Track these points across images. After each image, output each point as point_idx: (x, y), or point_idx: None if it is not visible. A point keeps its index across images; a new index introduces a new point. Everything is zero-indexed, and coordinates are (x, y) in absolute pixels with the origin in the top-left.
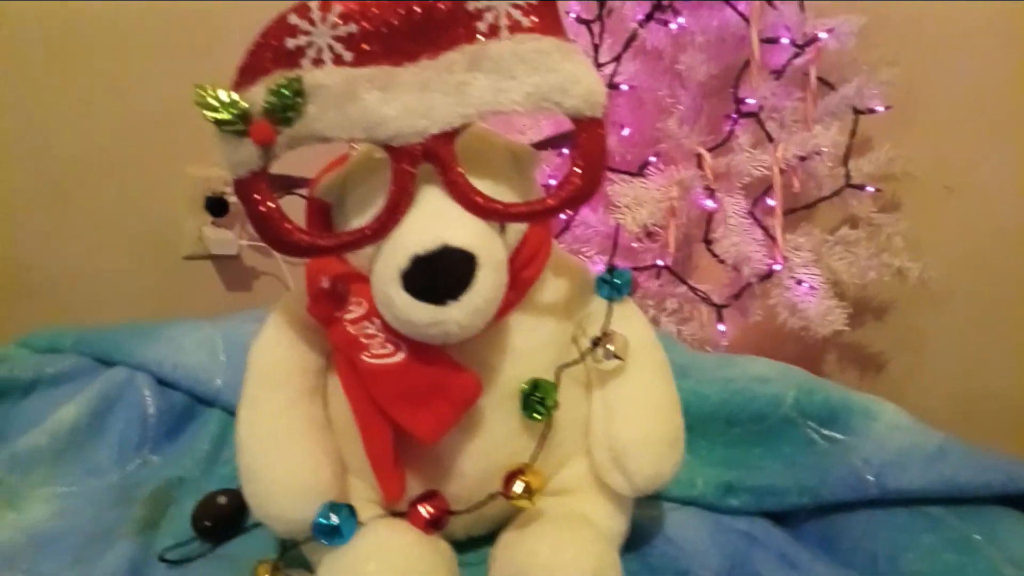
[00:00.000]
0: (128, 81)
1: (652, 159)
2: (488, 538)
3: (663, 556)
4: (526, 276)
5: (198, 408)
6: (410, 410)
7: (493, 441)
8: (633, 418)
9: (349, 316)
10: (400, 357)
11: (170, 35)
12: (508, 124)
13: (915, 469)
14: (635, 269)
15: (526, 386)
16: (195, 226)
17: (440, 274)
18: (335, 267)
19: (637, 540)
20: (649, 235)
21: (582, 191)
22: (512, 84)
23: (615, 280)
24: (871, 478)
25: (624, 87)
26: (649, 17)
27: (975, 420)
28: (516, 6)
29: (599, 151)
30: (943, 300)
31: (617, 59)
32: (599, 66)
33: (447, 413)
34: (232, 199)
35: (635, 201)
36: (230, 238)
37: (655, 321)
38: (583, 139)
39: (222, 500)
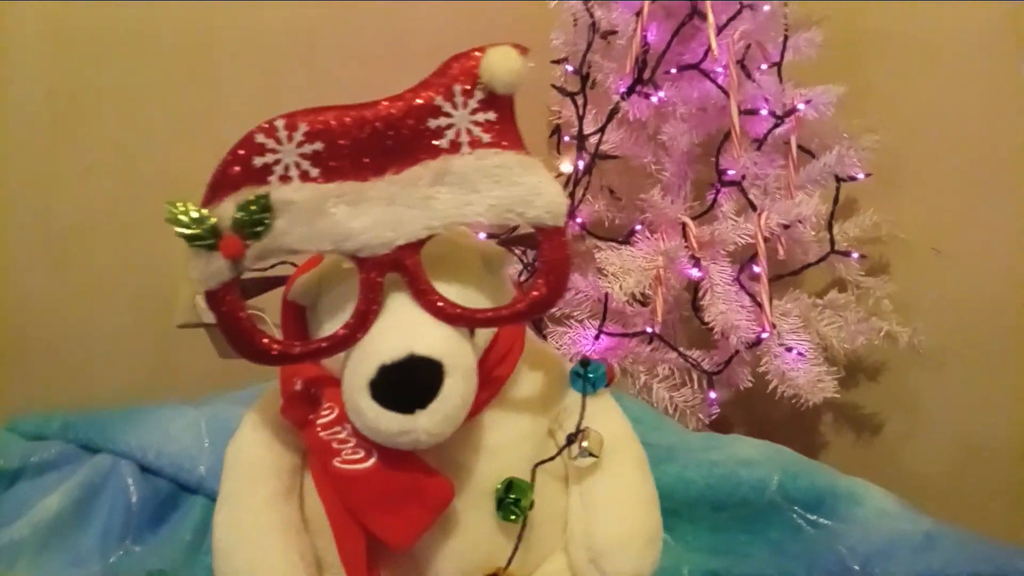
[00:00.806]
0: (130, 147)
1: (638, 227)
2: None
3: None
4: (498, 375)
5: (181, 496)
6: (382, 516)
7: (469, 541)
8: (610, 517)
9: (321, 420)
10: (371, 463)
11: (173, 102)
12: None
13: (902, 559)
14: (625, 335)
15: (500, 487)
16: (189, 295)
17: (407, 383)
18: (309, 371)
19: None
20: (642, 300)
21: (547, 298)
22: (476, 197)
23: (589, 374)
24: (856, 567)
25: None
26: (631, 90)
27: (971, 480)
28: (476, 123)
29: (563, 258)
30: (935, 361)
31: (601, 130)
32: (584, 136)
33: (420, 518)
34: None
35: (622, 269)
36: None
37: (647, 387)
38: (546, 248)
39: None
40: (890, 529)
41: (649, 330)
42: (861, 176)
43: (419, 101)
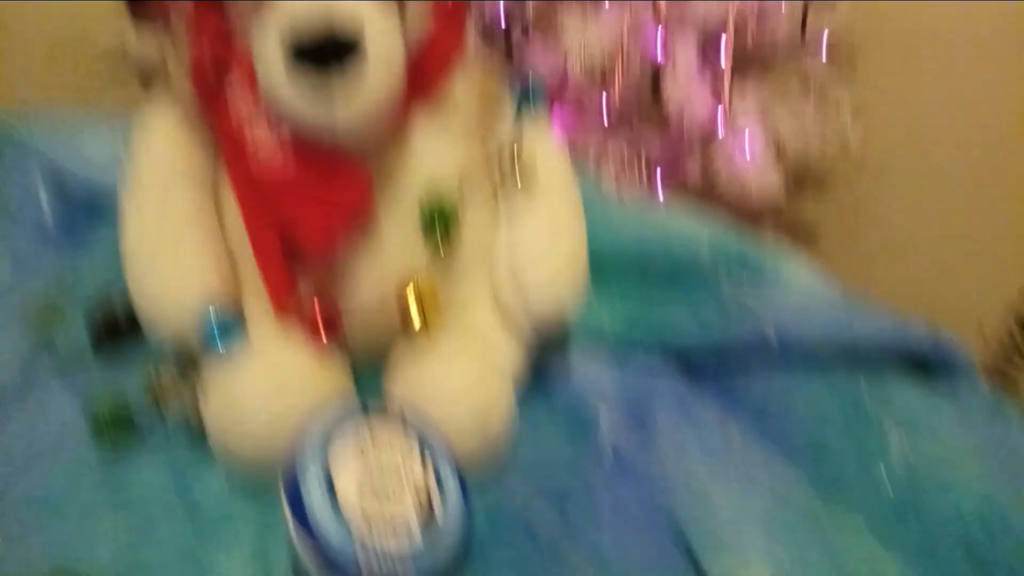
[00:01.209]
0: None
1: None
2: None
3: (561, 394)
4: (431, 78)
5: (100, 209)
6: (299, 217)
7: (390, 253)
8: (536, 237)
9: (233, 111)
10: (288, 159)
11: None
12: None
13: (815, 326)
14: (579, 118)
15: (426, 201)
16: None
17: (326, 47)
18: (218, 52)
19: (537, 379)
20: (601, 79)
21: None
22: None
23: (530, 87)
24: (772, 333)
25: None
26: None
27: (905, 290)
28: None
29: None
30: (881, 172)
31: None
32: None
33: (337, 221)
34: None
35: (584, 36)
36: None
37: (595, 169)
38: None
39: (119, 302)
40: (808, 297)
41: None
42: None
43: None
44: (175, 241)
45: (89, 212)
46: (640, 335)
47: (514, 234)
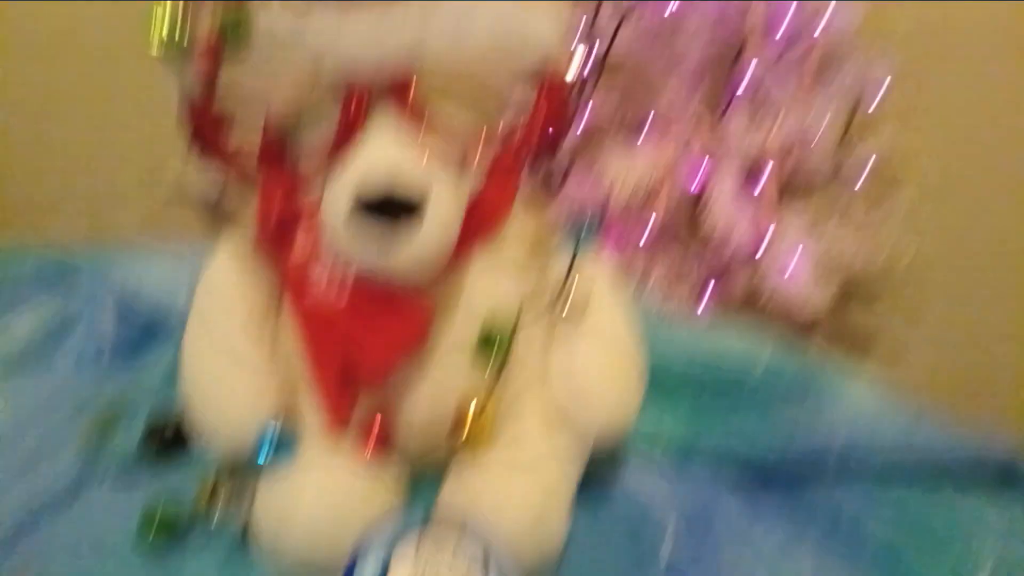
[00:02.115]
0: None
1: (645, 133)
2: (438, 480)
3: (618, 507)
4: (486, 225)
5: (162, 330)
6: (356, 348)
7: (445, 382)
8: (592, 360)
9: (298, 252)
10: (347, 300)
11: None
12: None
13: (884, 439)
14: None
15: (482, 329)
16: (176, 170)
17: (390, 207)
18: (286, 201)
19: (591, 490)
20: (642, 205)
21: (540, 144)
22: (473, 25)
23: (582, 225)
24: (836, 452)
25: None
26: None
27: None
28: None
29: (560, 107)
30: (931, 282)
31: (615, 32)
32: (595, 38)
33: (394, 351)
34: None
35: (627, 168)
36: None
37: (641, 290)
38: (544, 98)
39: (173, 422)
40: (874, 411)
41: (647, 234)
42: (880, 92)
43: None
44: (233, 364)
45: (150, 334)
46: (699, 445)
47: (570, 354)
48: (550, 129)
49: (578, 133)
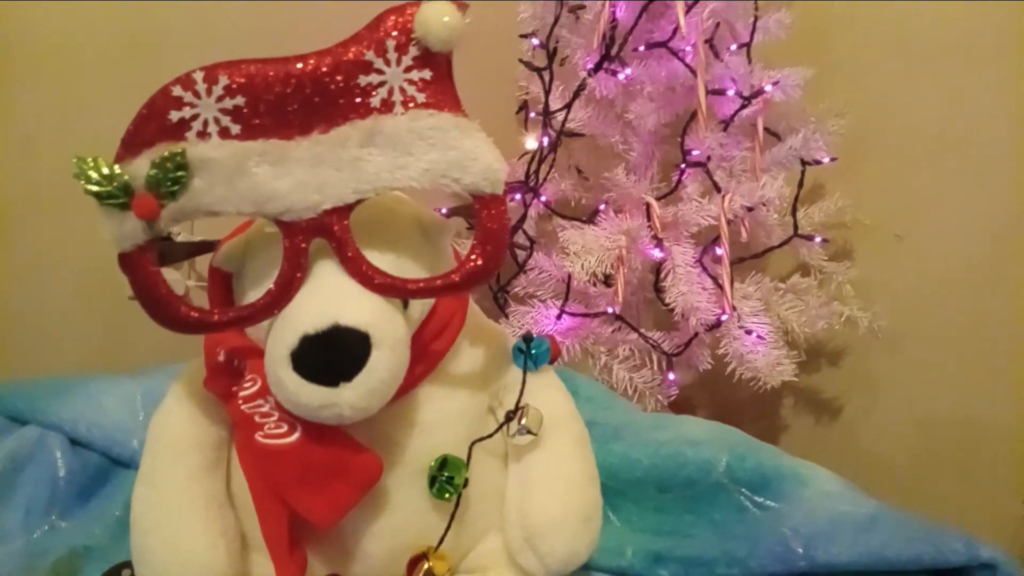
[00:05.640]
0: (72, 116)
1: (602, 207)
2: None
3: None
4: (435, 349)
5: (113, 470)
6: (305, 493)
7: (400, 520)
8: (546, 496)
9: (243, 393)
10: (295, 438)
11: (116, 67)
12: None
13: (844, 541)
14: (587, 315)
15: (434, 464)
16: None
17: (331, 355)
18: (232, 341)
19: None
20: (605, 280)
21: (483, 269)
22: (409, 161)
23: (531, 350)
24: (800, 549)
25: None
26: (598, 67)
27: (928, 459)
28: (410, 81)
29: (501, 228)
30: (893, 345)
31: (568, 107)
32: (550, 113)
33: (344, 496)
34: (180, 238)
35: (584, 249)
36: (177, 279)
37: (607, 368)
38: (484, 216)
39: (127, 573)
40: (834, 511)
41: (611, 310)
42: (826, 160)
43: (349, 56)
44: (184, 514)
45: (103, 471)
46: (667, 573)
47: (523, 485)
48: (490, 247)
49: (537, 213)
